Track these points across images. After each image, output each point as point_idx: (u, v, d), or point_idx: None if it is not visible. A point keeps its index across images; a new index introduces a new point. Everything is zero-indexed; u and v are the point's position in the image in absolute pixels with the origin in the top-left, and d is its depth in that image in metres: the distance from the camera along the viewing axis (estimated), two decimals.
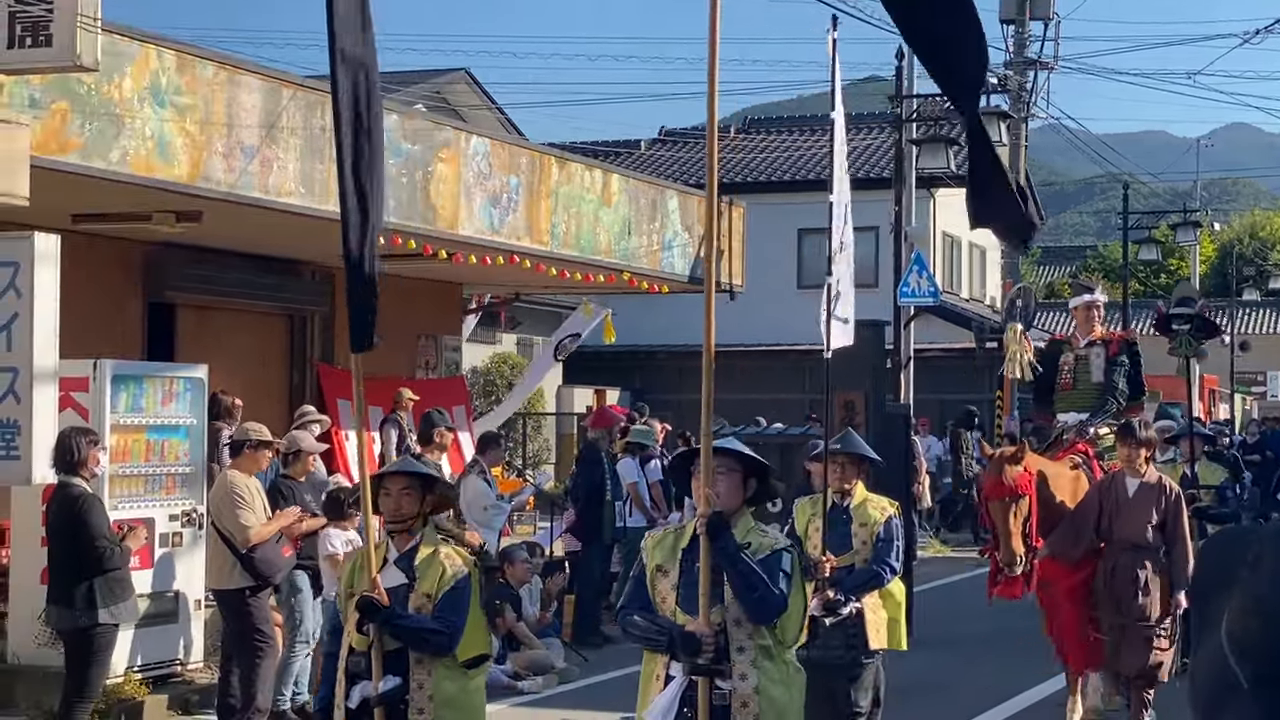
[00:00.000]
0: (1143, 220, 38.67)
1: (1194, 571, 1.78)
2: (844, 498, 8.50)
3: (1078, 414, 10.78)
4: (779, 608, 5.52)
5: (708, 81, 5.88)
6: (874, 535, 8.39)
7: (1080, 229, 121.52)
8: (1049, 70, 25.04)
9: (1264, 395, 50.90)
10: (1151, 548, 9.56)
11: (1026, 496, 9.49)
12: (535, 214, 17.12)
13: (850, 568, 8.35)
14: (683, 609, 5.58)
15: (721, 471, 5.66)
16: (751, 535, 5.65)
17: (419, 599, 6.08)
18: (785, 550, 5.64)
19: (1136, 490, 9.64)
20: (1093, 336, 11.03)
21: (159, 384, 11.52)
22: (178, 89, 12.40)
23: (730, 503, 5.66)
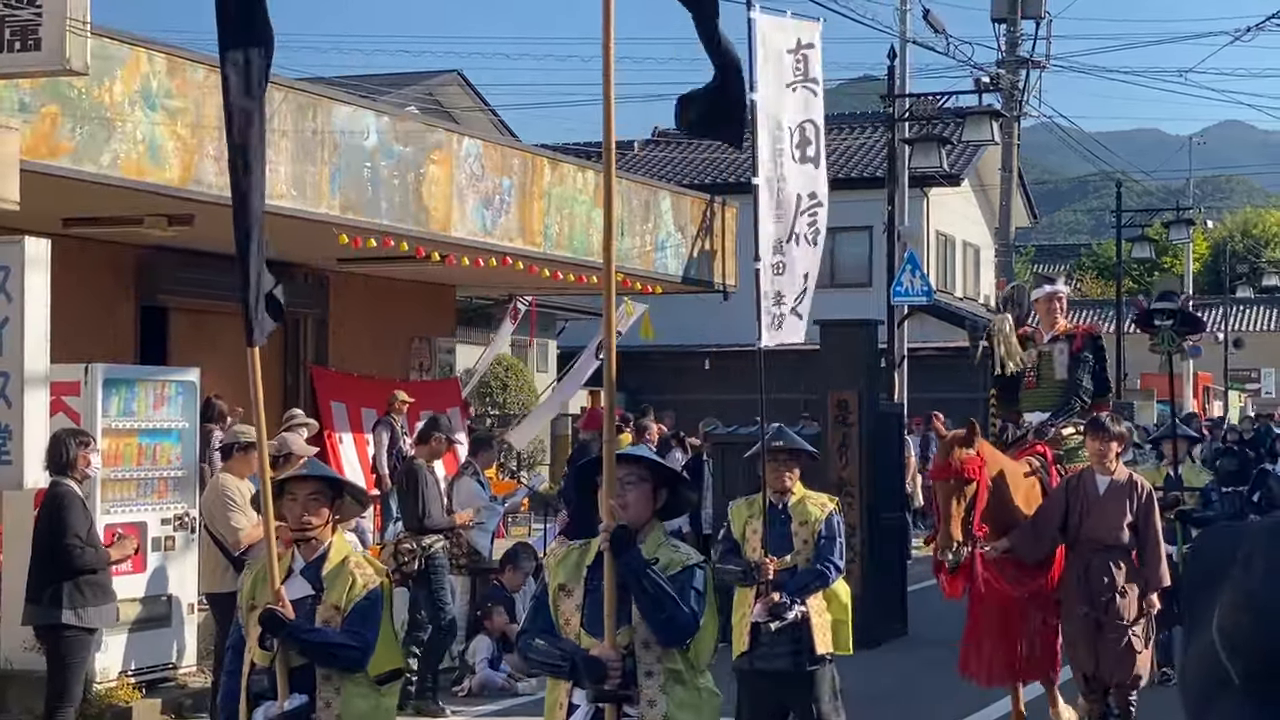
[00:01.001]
0: (1136, 218, 38.70)
1: (1185, 568, 1.79)
2: (781, 496, 8.15)
3: (1041, 413, 10.29)
4: (690, 628, 5.08)
5: (603, 80, 5.62)
6: (815, 534, 8.05)
7: (1074, 227, 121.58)
8: (1041, 69, 25.07)
9: (1258, 392, 50.99)
10: (1124, 548, 9.16)
11: (975, 482, 9.01)
12: (528, 215, 17.12)
13: (793, 569, 8.02)
14: (587, 631, 5.17)
15: (630, 481, 5.24)
16: (661, 551, 5.21)
17: (327, 611, 5.76)
18: (698, 566, 5.20)
19: (1107, 488, 9.21)
20: (1056, 331, 10.46)
21: (151, 388, 11.50)
22: (168, 92, 12.38)
23: (638, 515, 5.22)
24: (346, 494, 6.10)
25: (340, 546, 5.96)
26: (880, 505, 14.28)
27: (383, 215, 14.87)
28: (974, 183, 34.17)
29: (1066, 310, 10.85)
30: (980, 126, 22.96)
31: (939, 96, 26.80)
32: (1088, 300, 54.71)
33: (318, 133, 14.03)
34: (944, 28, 24.43)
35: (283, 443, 11.03)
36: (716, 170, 33.04)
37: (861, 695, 11.82)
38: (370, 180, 14.67)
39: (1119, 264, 37.52)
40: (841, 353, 14.50)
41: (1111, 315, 37.57)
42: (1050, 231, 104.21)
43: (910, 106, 24.51)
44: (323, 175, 14.10)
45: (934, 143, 23.10)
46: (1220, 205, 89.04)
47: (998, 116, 23.32)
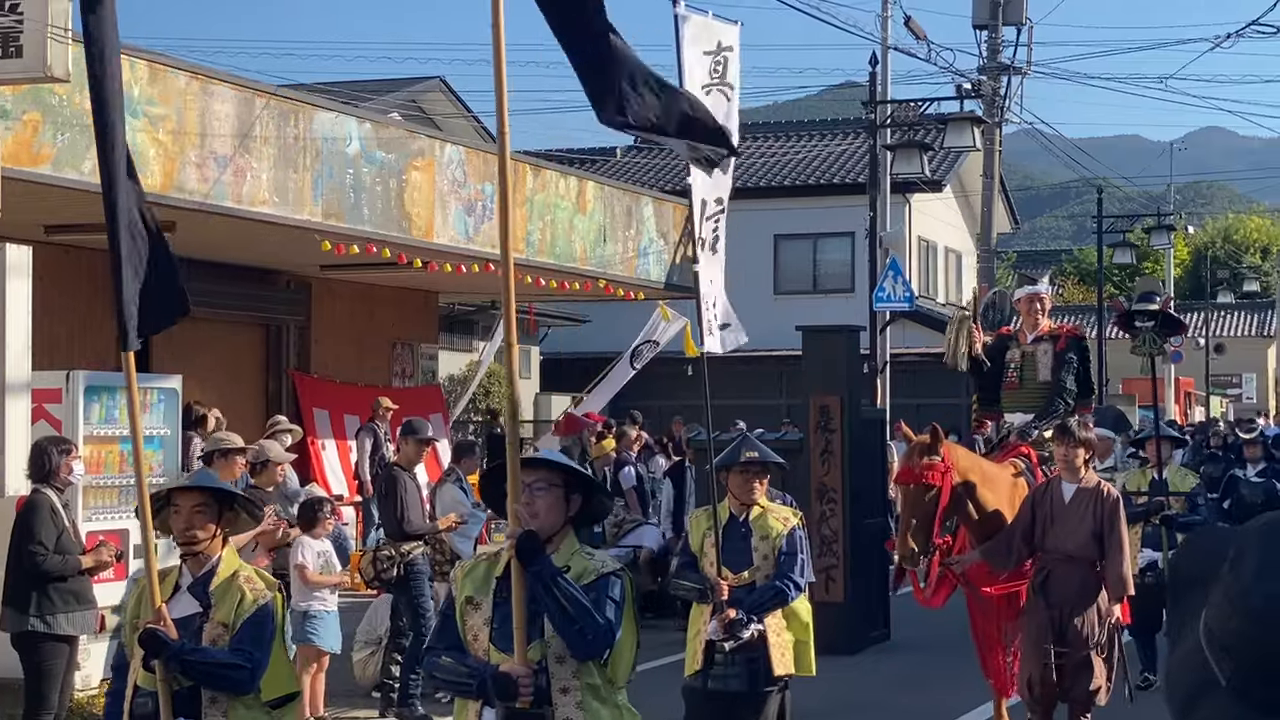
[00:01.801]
0: (1117, 224, 38.82)
1: (1172, 569, 1.80)
2: (744, 510, 7.79)
3: (1024, 414, 10.01)
4: (606, 641, 4.77)
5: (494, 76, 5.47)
6: (776, 549, 7.66)
7: (1055, 233, 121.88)
8: (1022, 75, 25.12)
9: (1239, 398, 51.14)
10: (1089, 559, 8.78)
11: (937, 488, 8.65)
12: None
13: (751, 585, 7.63)
14: (497, 647, 4.83)
15: (540, 487, 4.91)
16: (575, 559, 4.89)
17: (215, 629, 5.48)
18: (615, 575, 4.88)
19: (1073, 496, 8.82)
20: (1039, 331, 10.17)
21: None
22: (150, 99, 12.37)
23: (549, 522, 4.90)
24: (238, 506, 5.81)
25: (230, 560, 5.68)
26: (863, 511, 14.30)
27: (365, 222, 14.87)
28: (956, 189, 34.24)
29: (1049, 311, 10.60)
30: (962, 133, 23.00)
31: (921, 103, 26.85)
32: (1070, 306, 54.82)
33: (300, 139, 14.03)
34: (925, 34, 24.49)
35: (261, 449, 11.02)
36: None
37: (845, 701, 11.84)
38: (353, 187, 14.67)
39: (1100, 270, 37.61)
40: (824, 358, 14.51)
41: (1093, 320, 37.66)
42: (1032, 237, 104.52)
43: (892, 113, 24.55)
44: (305, 182, 14.10)
45: (916, 149, 23.14)
46: (1201, 211, 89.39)
47: (979, 123, 23.36)
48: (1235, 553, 1.64)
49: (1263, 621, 1.58)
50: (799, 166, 33.21)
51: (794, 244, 31.80)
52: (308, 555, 10.45)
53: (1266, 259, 60.25)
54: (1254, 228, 64.79)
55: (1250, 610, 1.59)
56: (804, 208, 31.40)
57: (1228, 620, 1.61)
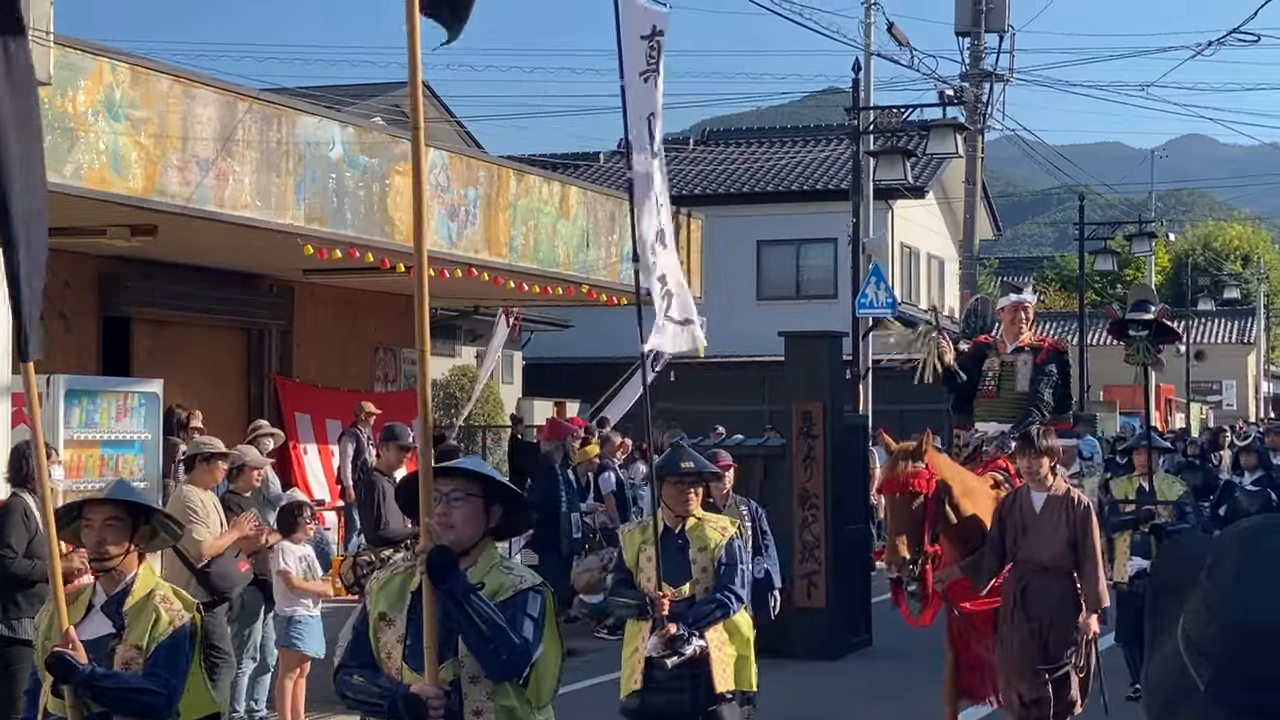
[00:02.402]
0: (1099, 231, 38.90)
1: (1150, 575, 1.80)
2: (680, 521, 7.52)
3: (998, 424, 9.80)
4: (522, 661, 4.55)
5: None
6: (715, 560, 7.39)
7: (1037, 239, 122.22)
8: (1004, 82, 25.19)
9: (1219, 404, 51.32)
10: (1064, 569, 8.68)
11: (922, 495, 8.48)
12: (493, 227, 17.11)
13: (690, 600, 7.37)
14: (410, 666, 4.61)
15: (456, 497, 4.67)
16: (492, 575, 4.65)
17: (128, 652, 5.20)
18: (534, 590, 4.64)
19: (1043, 505, 8.71)
20: (1020, 342, 9.98)
21: (114, 399, 11.46)
22: (132, 102, 12.34)
23: (466, 534, 4.66)
24: (155, 521, 5.53)
25: (146, 579, 5.40)
26: (845, 517, 14.31)
27: (348, 226, 14.85)
28: (938, 195, 34.31)
29: (1032, 320, 10.35)
30: (944, 139, 23.04)
31: (903, 109, 26.92)
32: (1051, 312, 54.95)
33: (283, 143, 14.00)
34: (908, 41, 24.53)
35: (239, 454, 11.00)
36: (682, 181, 33.09)
37: (826, 707, 11.85)
38: (335, 191, 14.65)
39: (1081, 276, 37.72)
40: (806, 364, 14.52)
41: (1075, 327, 37.76)
42: (1014, 244, 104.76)
43: (875, 119, 24.59)
44: (287, 186, 14.07)
45: (898, 155, 23.18)
46: (1182, 218, 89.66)
47: (962, 129, 23.40)
48: (1213, 559, 1.65)
49: (1240, 627, 1.59)
50: (782, 172, 33.24)
51: (777, 250, 31.84)
52: (290, 561, 10.42)
53: (1247, 266, 60.43)
54: (1234, 235, 65.02)
55: (1229, 616, 1.60)
56: (787, 214, 31.43)
57: (1206, 626, 1.61)
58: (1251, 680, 1.56)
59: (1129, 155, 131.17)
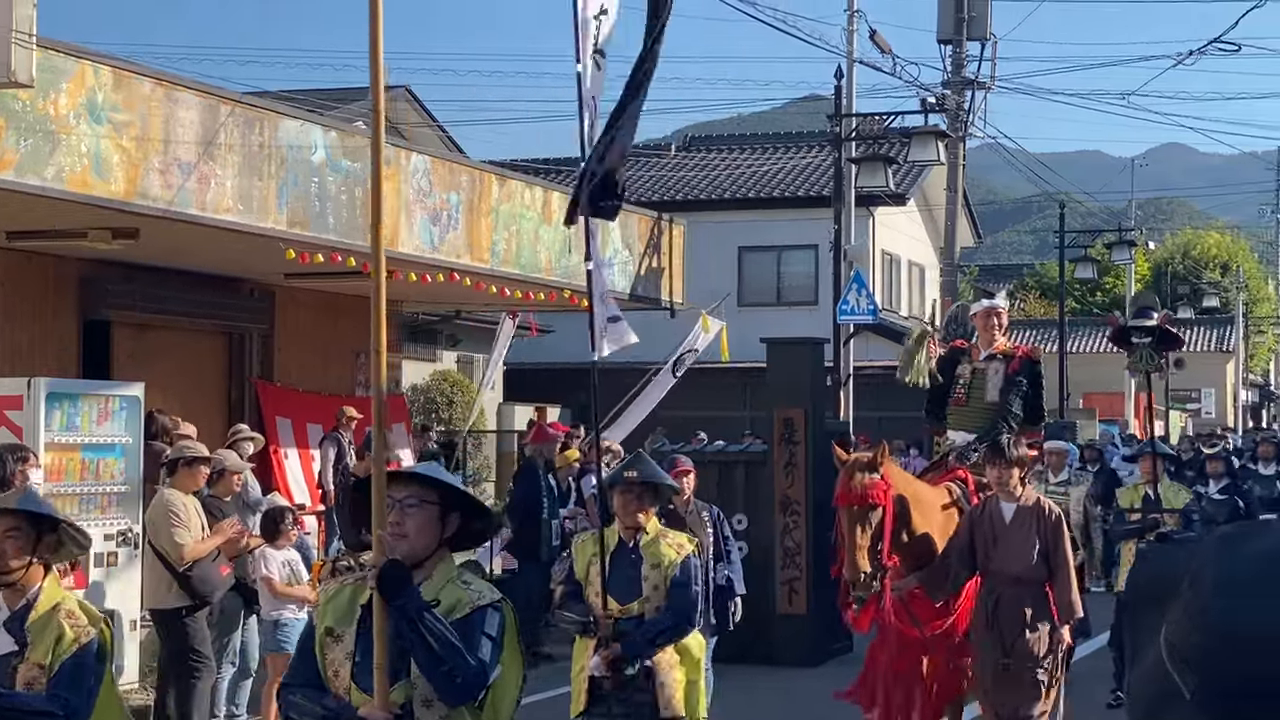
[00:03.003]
0: (1079, 239, 39.02)
1: (1128, 586, 1.80)
2: (634, 534, 7.16)
3: (966, 434, 9.53)
4: (477, 684, 4.25)
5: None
6: (668, 578, 7.01)
7: (1018, 247, 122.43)
8: (986, 90, 25.24)
9: (1198, 412, 51.47)
10: (1036, 580, 8.54)
11: (880, 508, 8.26)
12: (476, 232, 17.10)
13: (639, 618, 7.01)
14: (359, 686, 4.31)
15: (412, 504, 4.38)
16: (448, 590, 4.35)
17: (30, 671, 4.96)
18: (492, 607, 4.33)
19: (1014, 516, 8.56)
20: (994, 349, 9.67)
21: (94, 402, 11.42)
22: (114, 105, 12.32)
23: (420, 544, 4.37)
24: (60, 532, 5.28)
25: (52, 593, 5.14)
26: (826, 523, 14.30)
27: (330, 230, 14.84)
28: (919, 202, 34.38)
29: (1006, 327, 10.06)
30: (926, 147, 23.09)
31: (885, 116, 26.95)
32: (1032, 320, 55.07)
33: (265, 147, 13.99)
34: (890, 48, 24.59)
35: (220, 458, 10.99)
36: (664, 188, 33.11)
37: (808, 713, 11.85)
38: (318, 195, 14.63)
39: (1062, 284, 37.83)
40: (787, 371, 14.54)
41: (1055, 335, 37.85)
42: (994, 251, 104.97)
43: (857, 126, 24.63)
44: (270, 190, 14.05)
45: (880, 162, 23.22)
46: (1161, 227, 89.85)
47: (943, 137, 23.45)
48: (1195, 568, 1.65)
49: (1221, 635, 1.60)
50: (763, 179, 33.28)
51: (758, 256, 31.87)
52: (273, 566, 10.41)
53: (1226, 275, 60.62)
54: (1213, 244, 65.20)
55: (1209, 626, 1.60)
56: (768, 220, 31.47)
57: (1189, 635, 1.62)
58: (1233, 686, 1.57)
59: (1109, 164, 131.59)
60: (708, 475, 14.12)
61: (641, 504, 7.16)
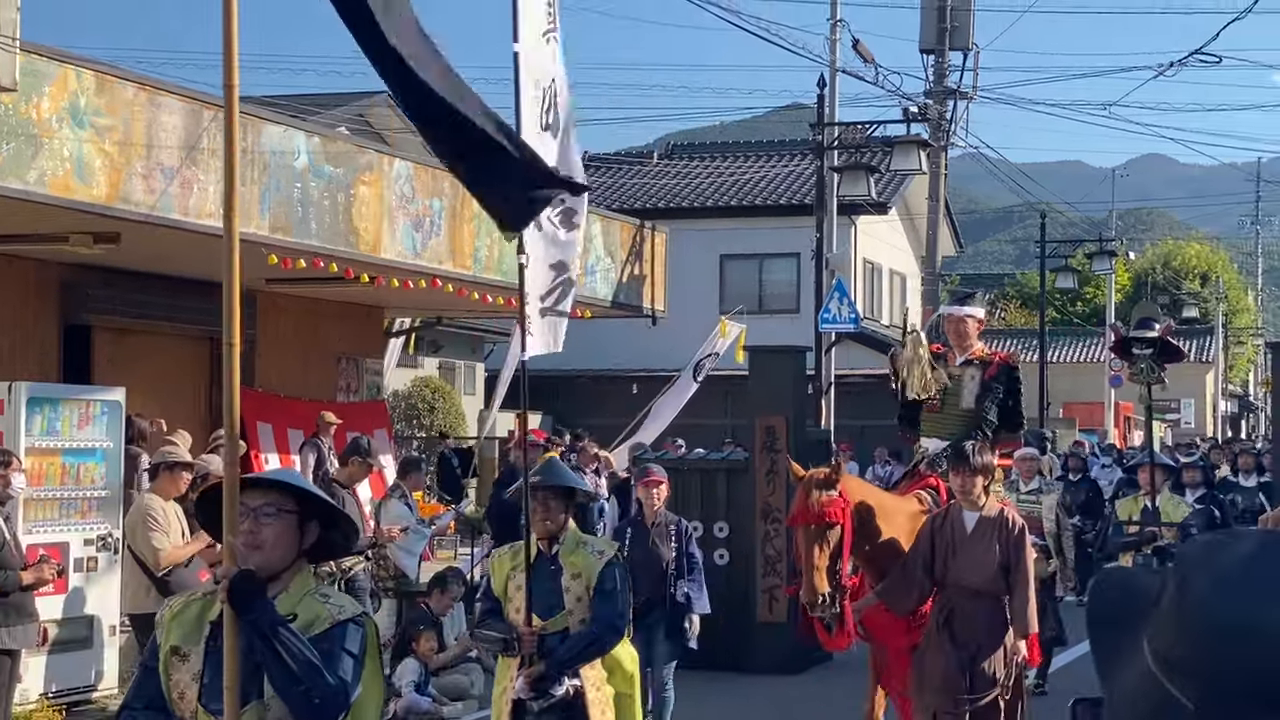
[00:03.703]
0: (1060, 249, 39.14)
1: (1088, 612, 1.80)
2: (551, 544, 6.70)
3: (940, 441, 9.13)
4: (336, 705, 3.97)
5: None
6: (590, 588, 6.57)
7: (998, 257, 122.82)
8: (968, 100, 25.31)
9: (1177, 423, 51.64)
10: (995, 593, 8.16)
11: (839, 526, 7.93)
12: (458, 238, 17.10)
13: (564, 633, 6.56)
14: (206, 708, 4.04)
15: (268, 512, 4.11)
16: (306, 604, 4.08)
17: None
18: (354, 622, 4.08)
19: (975, 525, 8.17)
20: (971, 354, 9.27)
21: (75, 407, 11.40)
22: (97, 110, 12.30)
23: (276, 555, 4.10)
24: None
25: None
26: None
27: (312, 236, 14.83)
28: (901, 211, 34.45)
29: (979, 332, 9.58)
30: (908, 156, 23.14)
31: (867, 125, 27.04)
32: (1012, 329, 55.23)
33: (248, 152, 13.97)
34: (873, 58, 24.64)
35: (204, 464, 10.97)
36: (646, 196, 33.14)
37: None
38: (300, 201, 14.62)
39: (1042, 294, 37.93)
40: (769, 379, 14.56)
41: (1035, 344, 37.96)
42: (975, 261, 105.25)
43: (839, 135, 24.69)
44: (252, 195, 14.04)
45: (862, 171, 23.27)
46: (1142, 237, 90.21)
47: (925, 146, 23.51)
48: (1178, 576, 1.66)
49: (1221, 636, 1.60)
50: (745, 187, 33.32)
51: (740, 264, 31.90)
52: None
53: (1205, 285, 60.88)
54: (1193, 254, 65.48)
55: (1208, 627, 1.60)
56: (750, 228, 31.51)
57: (1189, 641, 1.61)
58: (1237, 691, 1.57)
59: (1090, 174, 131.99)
60: (689, 483, 14.14)
61: (549, 510, 6.68)
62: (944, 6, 24.18)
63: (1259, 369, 63.24)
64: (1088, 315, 55.16)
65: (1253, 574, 1.59)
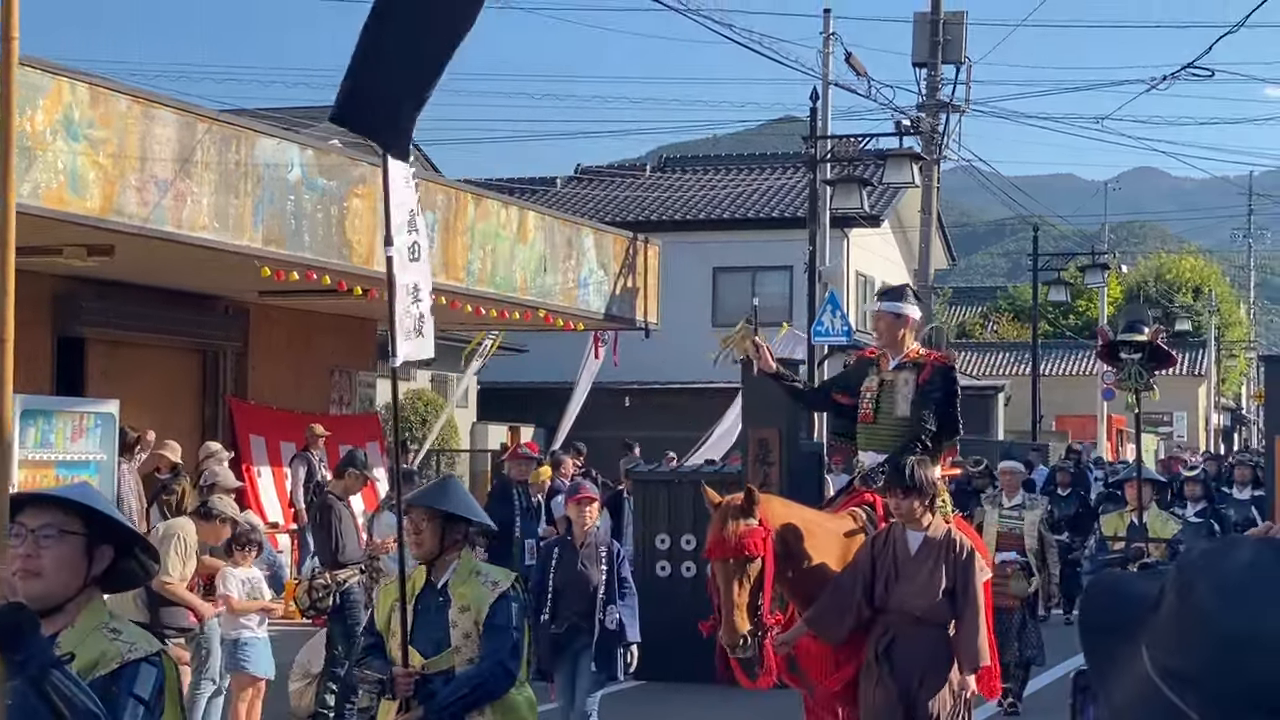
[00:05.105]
0: (1052, 262, 39.22)
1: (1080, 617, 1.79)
2: (440, 573, 5.96)
3: (876, 454, 8.30)
4: None
5: None
6: (479, 623, 5.84)
7: (991, 270, 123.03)
8: (961, 113, 25.34)
9: (1169, 435, 51.69)
10: (940, 620, 7.43)
11: (759, 559, 7.15)
12: (451, 251, 17.12)
13: (448, 673, 5.83)
14: None
15: (48, 534, 3.58)
16: (93, 640, 3.54)
17: None
18: (146, 662, 3.53)
19: (919, 547, 7.45)
20: (904, 358, 8.43)
21: (69, 419, 11.42)
22: (91, 122, 12.32)
23: (58, 584, 3.57)
24: None
25: None
26: None
27: (305, 248, 14.84)
28: (894, 224, 34.51)
29: (915, 334, 8.79)
30: (900, 169, 23.18)
31: (860, 138, 27.06)
32: (1005, 342, 55.30)
33: (241, 165, 13.99)
34: (865, 71, 24.69)
35: (211, 474, 10.94)
36: (639, 208, 33.18)
37: None
38: (293, 213, 14.64)
39: (1035, 307, 37.96)
40: (762, 391, 14.56)
41: (1028, 357, 38.01)
42: (968, 274, 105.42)
43: (832, 148, 24.72)
44: (245, 208, 14.06)
45: (855, 184, 23.30)
46: (1134, 250, 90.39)
47: (918, 159, 23.54)
48: (1179, 586, 1.65)
49: (1224, 642, 1.59)
50: (738, 200, 33.37)
51: (733, 277, 31.93)
52: (231, 585, 10.35)
53: (1198, 299, 60.96)
54: (1186, 268, 65.59)
55: (1211, 635, 1.60)
56: (743, 241, 31.55)
57: (1187, 652, 1.61)
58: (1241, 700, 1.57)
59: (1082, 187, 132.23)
60: (682, 495, 14.14)
61: (418, 533, 5.96)
62: (936, 20, 24.23)
63: (1251, 382, 63.34)
64: (1080, 328, 55.18)
65: (1256, 582, 1.59)
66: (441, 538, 5.94)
